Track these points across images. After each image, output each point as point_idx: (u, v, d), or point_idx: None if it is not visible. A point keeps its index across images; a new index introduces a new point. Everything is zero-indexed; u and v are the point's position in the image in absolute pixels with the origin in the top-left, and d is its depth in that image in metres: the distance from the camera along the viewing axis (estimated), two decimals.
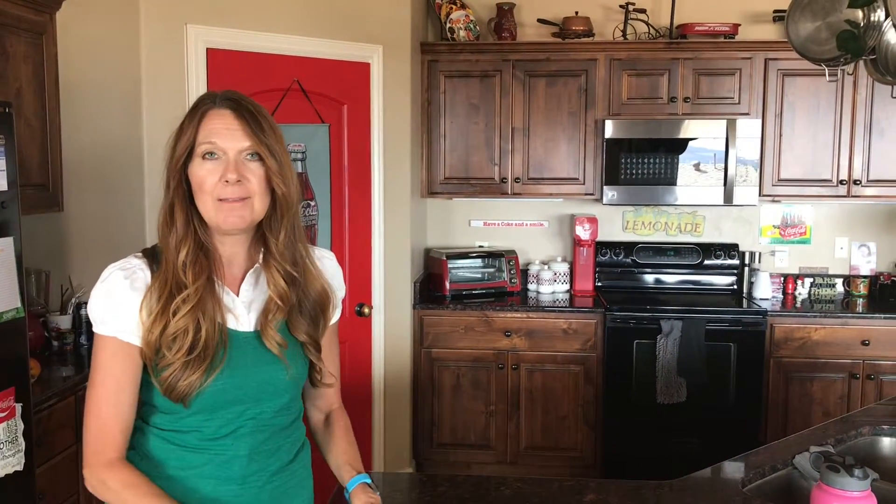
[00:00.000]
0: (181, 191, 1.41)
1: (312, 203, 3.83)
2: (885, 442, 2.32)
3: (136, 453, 1.44)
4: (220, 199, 1.39)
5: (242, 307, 1.45)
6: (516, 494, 1.85)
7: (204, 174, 1.39)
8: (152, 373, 1.39)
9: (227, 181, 1.38)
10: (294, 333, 1.48)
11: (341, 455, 1.60)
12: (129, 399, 1.39)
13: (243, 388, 1.42)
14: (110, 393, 1.38)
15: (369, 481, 1.55)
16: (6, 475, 2.22)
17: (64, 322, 3.18)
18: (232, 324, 1.43)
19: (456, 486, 1.89)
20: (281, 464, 1.50)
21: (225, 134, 1.38)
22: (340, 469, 1.59)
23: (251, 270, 1.48)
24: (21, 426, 2.28)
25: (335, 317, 1.60)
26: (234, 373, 1.40)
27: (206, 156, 1.39)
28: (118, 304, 1.39)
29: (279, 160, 1.42)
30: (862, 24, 2.20)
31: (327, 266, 1.60)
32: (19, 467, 2.27)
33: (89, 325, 3.20)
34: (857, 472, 1.23)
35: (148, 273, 1.42)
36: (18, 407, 2.27)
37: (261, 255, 1.49)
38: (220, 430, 1.41)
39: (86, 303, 3.10)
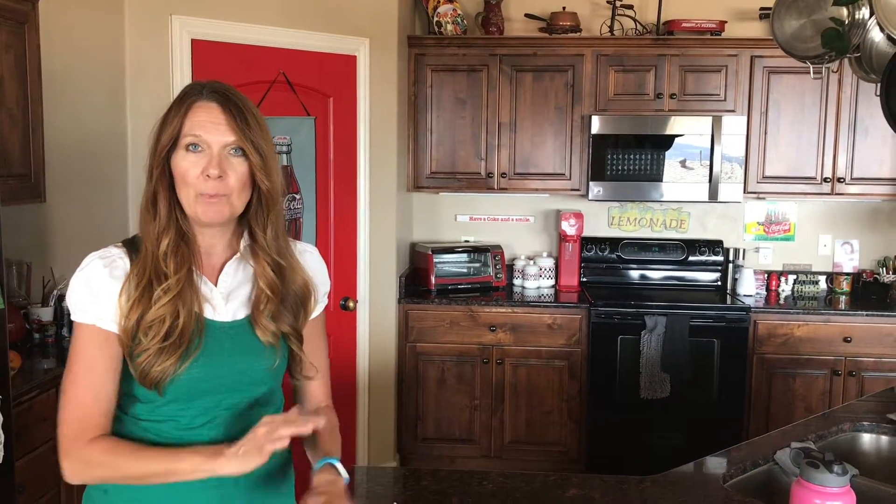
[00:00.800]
0: (164, 180, 1.40)
1: (297, 196, 3.81)
2: (866, 438, 2.34)
3: None
4: (201, 194, 1.38)
5: (220, 297, 1.45)
6: (499, 489, 1.85)
7: (187, 166, 1.38)
8: (129, 359, 1.38)
9: (208, 175, 1.37)
10: (277, 324, 1.47)
11: (323, 447, 1.59)
12: (111, 387, 1.39)
13: (219, 378, 1.42)
14: (91, 381, 1.37)
15: (336, 463, 1.52)
16: None
17: (45, 314, 3.16)
18: (209, 313, 1.43)
19: (439, 481, 1.89)
20: None
21: (210, 127, 1.38)
22: (316, 457, 1.58)
23: (230, 261, 1.48)
24: (0, 418, 2.26)
25: (318, 310, 1.59)
26: (210, 361, 1.40)
27: (190, 147, 1.38)
28: (98, 292, 1.38)
29: (263, 155, 1.41)
30: (846, 22, 2.21)
31: (309, 260, 1.59)
32: None
33: (70, 316, 3.18)
34: (836, 468, 1.23)
35: (127, 262, 1.41)
36: None
37: (242, 246, 1.49)
38: (195, 419, 1.41)
39: None
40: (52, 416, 2.69)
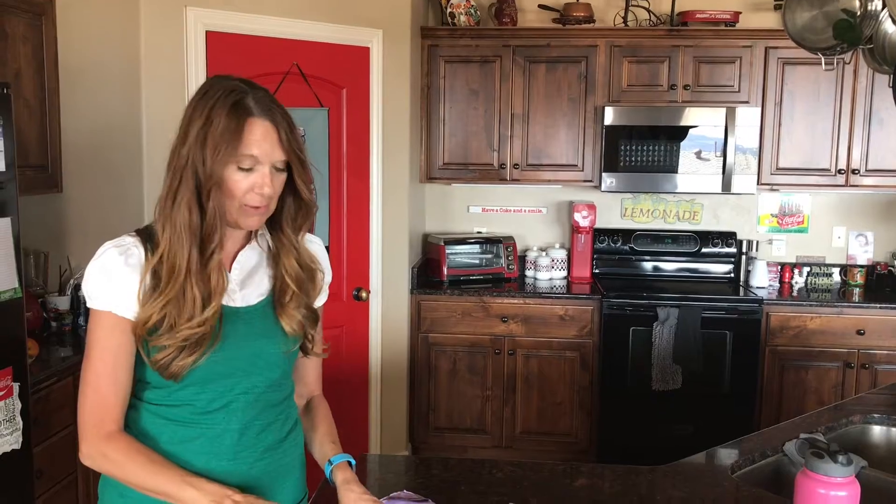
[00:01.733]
0: (193, 180, 1.39)
1: (311, 187, 3.83)
2: (876, 430, 2.34)
3: (129, 430, 1.46)
4: (246, 205, 1.42)
5: (234, 284, 1.48)
6: (508, 478, 1.87)
7: (238, 180, 1.39)
8: (143, 351, 1.40)
9: (261, 193, 1.41)
10: (300, 314, 1.53)
11: (324, 434, 1.63)
12: (126, 373, 1.41)
13: (234, 361, 1.45)
14: (108, 367, 1.40)
15: (353, 462, 1.57)
16: (3, 453, 2.24)
17: (62, 303, 3.20)
18: (225, 300, 1.45)
19: (449, 469, 1.91)
20: (272, 441, 1.52)
21: (265, 147, 1.40)
22: (323, 445, 1.61)
23: (243, 250, 1.52)
24: (18, 405, 2.30)
25: (321, 300, 1.62)
26: (226, 346, 1.43)
27: (244, 167, 1.39)
28: (113, 280, 1.40)
29: (304, 165, 1.47)
30: (859, 14, 2.20)
31: (317, 250, 1.63)
32: (17, 446, 2.29)
33: (86, 304, 3.22)
34: (840, 458, 1.24)
35: (142, 251, 1.43)
36: (16, 386, 2.29)
37: (264, 238, 1.54)
38: (211, 403, 1.43)
39: None
40: (70, 403, 2.75)
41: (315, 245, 1.64)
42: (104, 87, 3.34)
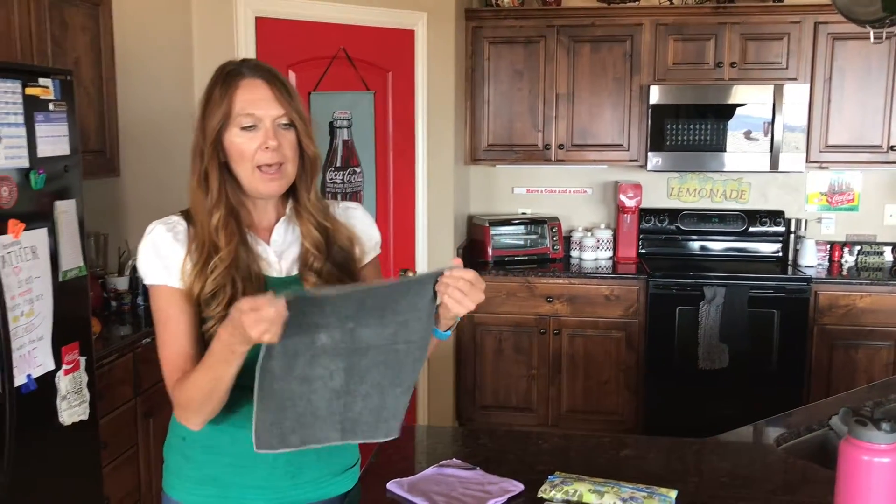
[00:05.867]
0: (215, 158, 1.49)
1: (358, 170, 3.90)
2: None
3: None
4: (259, 167, 1.48)
5: (274, 255, 1.56)
6: (555, 448, 1.91)
7: (243, 143, 1.47)
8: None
9: (267, 147, 1.47)
10: (323, 279, 1.56)
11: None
12: (193, 337, 1.49)
13: None
14: (171, 336, 1.48)
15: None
16: (73, 423, 2.35)
17: (121, 283, 3.32)
18: (266, 270, 1.53)
19: (496, 440, 1.96)
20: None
21: (261, 104, 1.47)
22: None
23: (279, 222, 1.58)
24: (85, 378, 2.41)
25: (369, 257, 1.66)
26: None
27: (245, 126, 1.47)
28: (164, 254, 1.49)
29: (307, 123, 1.52)
30: None
31: (355, 215, 1.68)
32: (85, 416, 2.40)
33: (146, 286, 3.33)
34: (884, 425, 1.26)
35: (186, 226, 1.52)
36: (83, 360, 2.40)
37: (288, 208, 1.59)
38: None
39: None
40: (130, 379, 2.87)
41: (351, 210, 1.69)
42: (158, 73, 3.43)
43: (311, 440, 1.40)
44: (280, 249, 1.56)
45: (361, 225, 1.66)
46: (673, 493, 1.58)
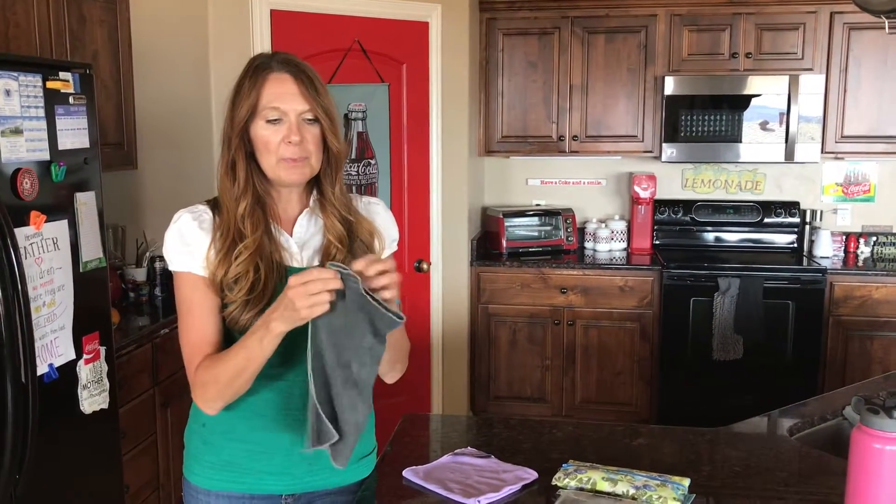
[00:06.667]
0: (242, 148, 1.53)
1: (373, 162, 3.92)
2: None
3: None
4: (283, 159, 1.51)
5: (296, 246, 1.59)
6: (569, 436, 1.93)
7: (268, 135, 1.51)
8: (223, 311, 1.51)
9: (290, 142, 1.50)
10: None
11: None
12: (213, 324, 1.52)
13: None
14: (194, 322, 1.52)
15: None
16: (93, 412, 2.39)
17: (140, 275, 3.36)
18: (287, 261, 1.56)
19: (510, 429, 1.98)
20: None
21: (287, 98, 1.50)
22: None
23: (302, 213, 1.61)
24: (105, 368, 2.45)
25: (385, 252, 1.68)
26: None
27: (270, 120, 1.51)
28: (189, 242, 1.53)
29: (332, 119, 1.55)
30: None
31: (375, 210, 1.70)
32: (105, 405, 2.44)
33: (164, 277, 3.37)
34: None
35: (212, 215, 1.56)
36: (103, 350, 2.44)
37: (311, 200, 1.62)
38: (280, 359, 1.51)
39: (160, 256, 3.27)
40: (148, 369, 2.91)
41: (374, 205, 1.71)
42: (175, 66, 3.46)
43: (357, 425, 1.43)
44: (302, 240, 1.59)
45: (382, 220, 1.69)
46: (686, 482, 1.60)
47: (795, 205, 4.68)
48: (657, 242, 4.76)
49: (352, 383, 1.40)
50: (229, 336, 1.52)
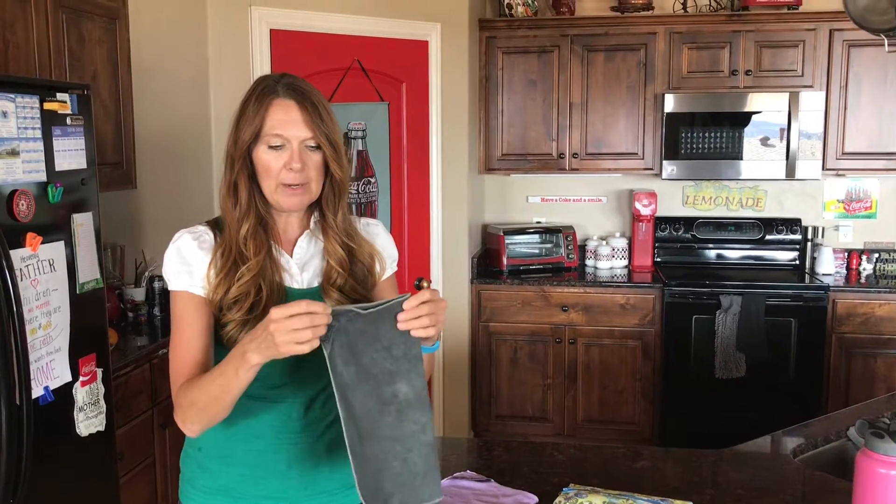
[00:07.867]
0: (245, 170, 1.53)
1: (373, 180, 3.92)
2: None
3: None
4: (282, 184, 1.51)
5: (296, 267, 1.58)
6: (570, 459, 1.91)
7: (269, 160, 1.51)
8: (219, 330, 1.51)
9: (291, 169, 1.50)
10: (345, 294, 1.59)
11: None
12: (205, 344, 1.52)
13: None
14: (185, 340, 1.51)
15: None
16: (90, 434, 2.37)
17: (138, 294, 3.34)
18: (288, 282, 1.56)
19: (511, 451, 1.96)
20: (336, 415, 1.58)
21: (290, 126, 1.50)
22: None
23: (302, 236, 1.61)
24: (102, 389, 2.43)
25: (386, 274, 1.69)
26: None
27: (272, 146, 1.51)
28: (188, 262, 1.52)
29: (336, 146, 1.54)
30: None
31: (377, 231, 1.70)
32: (101, 427, 2.42)
33: (163, 297, 3.36)
34: None
35: (212, 236, 1.56)
36: (99, 372, 2.42)
37: (312, 222, 1.62)
38: (278, 378, 1.51)
39: (159, 276, 3.26)
40: (147, 389, 2.88)
41: (373, 227, 1.71)
42: (174, 86, 3.47)
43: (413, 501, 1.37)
44: (302, 262, 1.59)
45: (382, 242, 1.69)
46: None
47: (797, 221, 4.67)
48: (658, 260, 4.75)
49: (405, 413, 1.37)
50: (225, 355, 1.51)
